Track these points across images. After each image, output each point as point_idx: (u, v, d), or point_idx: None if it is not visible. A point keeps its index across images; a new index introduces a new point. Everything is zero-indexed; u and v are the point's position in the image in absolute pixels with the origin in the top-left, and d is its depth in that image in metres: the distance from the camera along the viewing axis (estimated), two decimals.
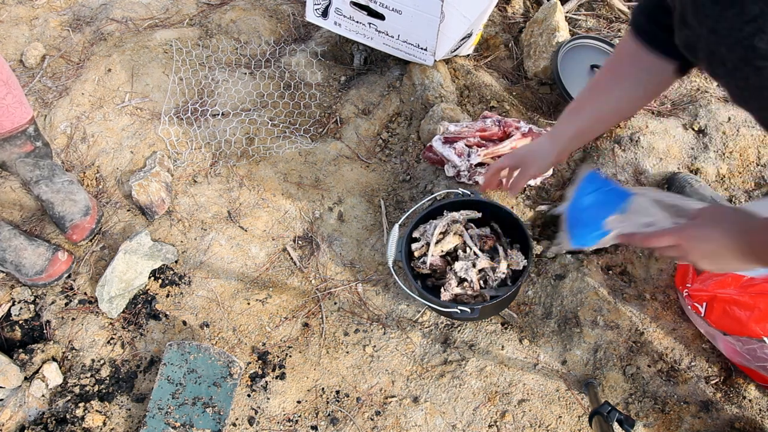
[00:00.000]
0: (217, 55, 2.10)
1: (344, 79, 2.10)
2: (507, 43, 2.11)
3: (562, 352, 1.43)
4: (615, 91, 1.05)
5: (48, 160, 1.68)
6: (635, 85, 1.03)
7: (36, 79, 2.04)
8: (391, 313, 1.54)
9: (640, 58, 1.00)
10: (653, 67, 1.00)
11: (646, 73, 1.01)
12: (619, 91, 1.04)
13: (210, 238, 1.68)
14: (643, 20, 0.99)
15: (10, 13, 2.25)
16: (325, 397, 1.43)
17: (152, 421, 1.35)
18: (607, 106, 1.07)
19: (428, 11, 1.73)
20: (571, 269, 1.51)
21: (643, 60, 1.00)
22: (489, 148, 1.66)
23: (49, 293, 1.59)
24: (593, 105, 1.08)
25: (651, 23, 0.97)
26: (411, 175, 1.80)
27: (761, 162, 1.70)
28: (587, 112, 1.09)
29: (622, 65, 1.04)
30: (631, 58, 1.02)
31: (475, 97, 1.95)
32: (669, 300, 1.46)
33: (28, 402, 1.42)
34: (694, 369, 1.37)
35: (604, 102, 1.06)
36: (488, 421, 1.36)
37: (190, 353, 1.39)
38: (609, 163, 1.70)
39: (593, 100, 1.08)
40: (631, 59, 1.02)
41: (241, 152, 1.85)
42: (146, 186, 1.68)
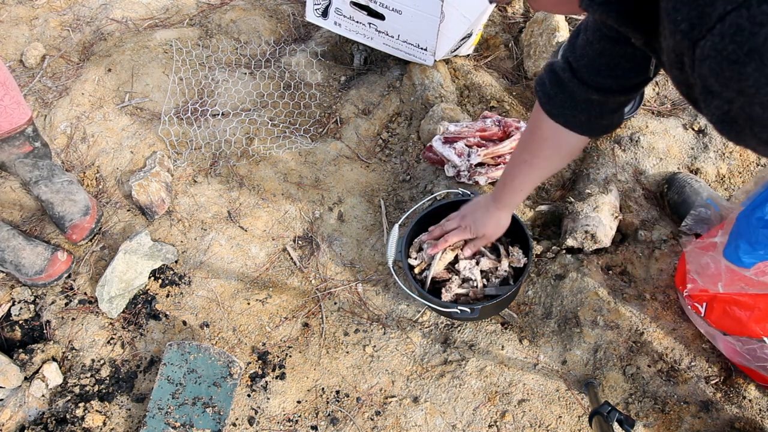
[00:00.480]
0: (217, 55, 2.10)
1: (344, 79, 2.10)
2: (507, 43, 2.11)
3: (562, 352, 1.43)
4: (545, 168, 1.20)
5: (47, 161, 1.68)
6: (560, 159, 1.17)
7: (36, 79, 2.04)
8: (391, 313, 1.54)
9: (562, 138, 1.10)
10: (573, 141, 1.10)
11: (569, 147, 1.13)
12: (549, 167, 1.20)
13: (210, 238, 1.68)
14: (559, 106, 1.05)
15: (10, 13, 2.25)
16: (325, 397, 1.43)
17: (152, 421, 1.35)
18: (540, 178, 1.24)
19: (428, 11, 1.73)
20: (571, 269, 1.51)
21: (566, 139, 1.10)
22: (489, 148, 1.66)
23: (49, 293, 1.59)
24: (530, 181, 1.23)
25: (569, 108, 1.04)
26: (411, 175, 1.80)
27: (761, 162, 1.70)
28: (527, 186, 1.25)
29: (546, 147, 1.14)
30: (554, 140, 1.12)
31: (475, 97, 1.95)
32: (669, 300, 1.46)
33: (28, 402, 1.42)
34: (694, 369, 1.37)
35: (538, 177, 1.23)
36: (488, 421, 1.36)
37: (190, 353, 1.39)
38: (609, 163, 1.70)
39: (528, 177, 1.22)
40: (554, 142, 1.12)
41: (241, 152, 1.85)
42: (146, 186, 1.68)
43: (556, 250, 1.57)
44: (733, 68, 0.54)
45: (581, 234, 1.51)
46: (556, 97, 1.04)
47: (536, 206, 1.66)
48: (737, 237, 1.10)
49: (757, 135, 0.61)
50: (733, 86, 0.56)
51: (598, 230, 1.49)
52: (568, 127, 1.07)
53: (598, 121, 1.05)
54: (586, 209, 1.53)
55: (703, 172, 1.68)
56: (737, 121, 0.61)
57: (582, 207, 1.54)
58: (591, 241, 1.51)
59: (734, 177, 1.69)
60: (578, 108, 1.03)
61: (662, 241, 1.55)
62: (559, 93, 1.03)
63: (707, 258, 1.22)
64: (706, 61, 0.57)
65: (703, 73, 0.59)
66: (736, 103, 0.58)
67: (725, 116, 0.62)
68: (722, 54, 0.54)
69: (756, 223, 1.06)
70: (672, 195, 1.59)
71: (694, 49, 0.58)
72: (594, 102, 1.02)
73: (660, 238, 1.56)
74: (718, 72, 0.56)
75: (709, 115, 0.65)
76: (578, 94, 1.01)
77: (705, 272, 1.24)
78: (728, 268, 1.15)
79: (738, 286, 1.15)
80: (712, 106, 0.62)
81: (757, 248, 1.06)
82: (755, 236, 1.06)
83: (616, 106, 1.04)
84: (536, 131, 1.13)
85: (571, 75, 1.00)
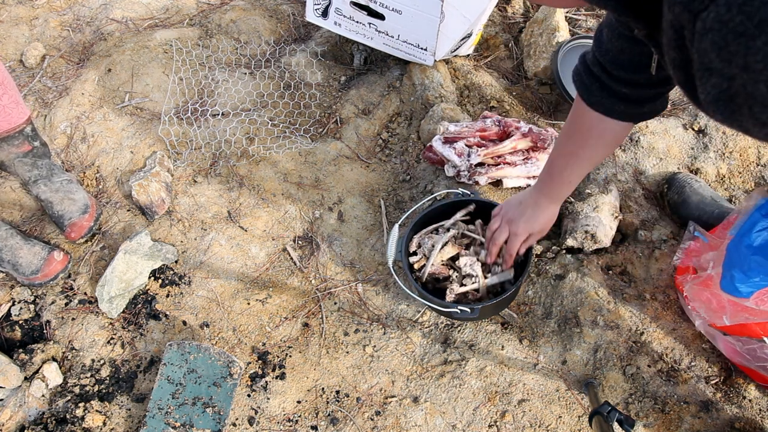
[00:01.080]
0: (217, 55, 2.10)
1: (344, 79, 2.10)
2: (507, 43, 2.11)
3: (562, 352, 1.43)
4: (593, 157, 1.16)
5: (46, 160, 1.68)
6: (606, 146, 1.13)
7: (36, 79, 2.04)
8: (391, 313, 1.54)
9: (605, 127, 1.08)
10: (618, 128, 1.08)
11: (613, 135, 1.10)
12: (596, 156, 1.16)
13: (210, 238, 1.68)
14: (597, 95, 1.04)
15: (10, 13, 2.25)
16: (325, 397, 1.43)
17: (152, 421, 1.35)
18: (588, 168, 1.20)
19: (428, 11, 1.73)
20: (571, 269, 1.51)
21: (609, 127, 1.08)
22: (489, 148, 1.66)
23: (49, 293, 1.59)
24: (578, 172, 1.20)
25: (607, 96, 1.03)
26: (411, 175, 1.80)
27: (761, 162, 1.70)
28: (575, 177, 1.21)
29: (591, 137, 1.12)
30: (597, 129, 1.09)
31: (475, 97, 1.95)
32: (669, 300, 1.46)
33: (28, 402, 1.42)
34: (694, 369, 1.37)
35: (586, 166, 1.19)
36: (488, 421, 1.36)
37: (190, 353, 1.39)
38: (609, 163, 1.70)
39: (576, 168, 1.19)
40: (598, 131, 1.10)
41: (241, 152, 1.85)
42: (146, 186, 1.68)
43: (556, 250, 1.57)
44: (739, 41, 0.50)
45: (581, 234, 1.51)
46: (593, 86, 1.03)
47: None
48: (730, 267, 1.11)
49: (756, 115, 0.57)
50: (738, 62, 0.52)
51: (598, 230, 1.49)
52: (610, 116, 1.05)
53: (639, 109, 1.04)
54: (586, 209, 1.53)
55: (703, 172, 1.68)
56: (735, 100, 0.57)
57: (582, 207, 1.54)
58: (591, 241, 1.51)
59: (734, 177, 1.69)
60: (616, 97, 1.02)
61: (662, 241, 1.55)
62: (595, 82, 1.03)
63: (707, 293, 1.21)
64: (708, 34, 0.53)
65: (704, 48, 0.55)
66: (738, 81, 0.54)
67: (721, 94, 0.58)
68: (728, 26, 0.50)
69: (745, 251, 1.09)
70: (672, 195, 1.59)
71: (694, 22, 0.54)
72: (627, 94, 1.01)
73: (660, 238, 1.56)
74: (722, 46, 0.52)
75: (704, 94, 0.61)
76: (612, 86, 1.01)
77: (709, 307, 1.23)
78: (730, 301, 1.15)
79: (742, 316, 1.15)
80: (708, 84, 0.59)
81: (751, 275, 1.07)
82: (747, 264, 1.07)
83: (653, 95, 1.02)
84: (579, 122, 1.11)
85: (601, 69, 1.00)
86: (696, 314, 1.31)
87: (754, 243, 1.07)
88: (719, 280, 1.15)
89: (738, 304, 1.13)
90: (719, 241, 1.18)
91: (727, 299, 1.14)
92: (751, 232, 1.08)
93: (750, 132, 0.63)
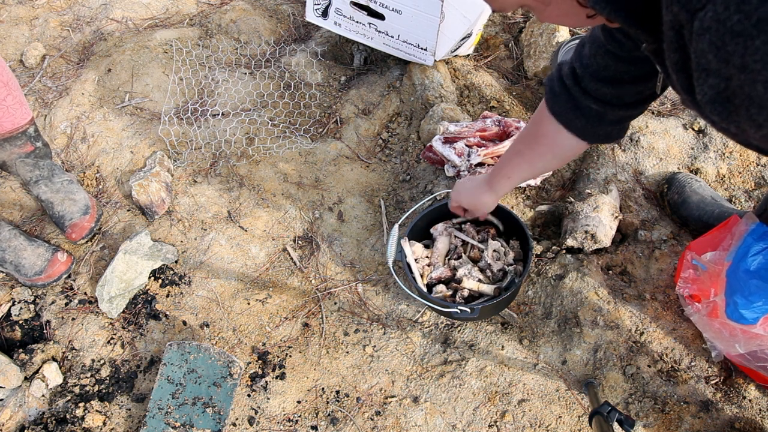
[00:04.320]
0: (217, 55, 2.10)
1: (344, 79, 2.10)
2: (507, 43, 2.11)
3: (562, 352, 1.43)
4: (537, 164, 1.19)
5: (48, 161, 1.68)
6: (553, 158, 1.17)
7: (36, 79, 2.04)
8: (391, 313, 1.54)
9: (559, 138, 1.10)
10: (570, 143, 1.10)
11: (564, 149, 1.13)
12: (540, 163, 1.19)
13: (210, 238, 1.68)
14: (562, 105, 1.06)
15: (10, 13, 2.25)
16: (325, 397, 1.43)
17: (152, 421, 1.35)
18: (530, 172, 1.24)
19: (428, 11, 1.73)
20: (571, 269, 1.51)
21: (563, 140, 1.10)
22: (489, 148, 1.66)
23: (49, 293, 1.59)
24: (518, 172, 1.24)
25: (571, 109, 1.05)
26: (411, 175, 1.80)
27: (761, 162, 1.70)
28: (515, 176, 1.25)
29: (542, 144, 1.14)
30: (551, 138, 1.12)
31: (475, 97, 1.95)
32: (669, 300, 1.46)
33: (28, 402, 1.42)
34: (694, 369, 1.37)
35: (528, 170, 1.23)
36: (488, 421, 1.36)
37: (190, 353, 1.39)
38: (609, 163, 1.70)
39: (519, 168, 1.23)
40: (551, 139, 1.12)
41: (241, 152, 1.85)
42: (146, 186, 1.68)
43: (556, 250, 1.57)
44: (737, 41, 0.49)
45: (581, 234, 1.51)
46: (560, 97, 1.06)
47: (536, 206, 1.66)
48: (732, 294, 1.12)
49: (753, 116, 0.56)
50: (735, 61, 0.51)
51: (598, 230, 1.49)
52: (567, 128, 1.08)
53: (596, 129, 1.07)
54: (586, 209, 1.53)
55: (703, 172, 1.68)
56: (732, 100, 0.56)
57: (582, 207, 1.54)
58: (591, 241, 1.51)
59: (734, 177, 1.69)
60: (579, 111, 1.05)
61: (662, 241, 1.55)
62: (564, 93, 1.05)
63: (717, 324, 1.22)
64: (706, 34, 0.52)
65: (701, 48, 0.54)
66: (735, 81, 0.53)
67: (719, 95, 0.57)
68: (725, 25, 0.49)
69: (744, 275, 1.12)
70: (672, 195, 1.59)
71: (692, 22, 0.53)
72: (593, 111, 1.03)
73: (660, 238, 1.56)
74: (719, 45, 0.51)
75: (701, 95, 0.60)
76: (579, 101, 1.03)
77: (721, 337, 1.24)
78: (741, 329, 1.16)
79: (755, 343, 1.16)
80: (705, 84, 0.58)
81: (753, 300, 1.09)
82: (747, 288, 1.09)
83: (617, 119, 1.05)
84: (537, 125, 1.14)
85: (574, 82, 1.02)
86: (711, 345, 1.33)
87: (751, 267, 1.11)
88: (724, 307, 1.16)
89: (748, 332, 1.14)
90: (717, 269, 1.19)
91: (740, 329, 1.15)
92: (746, 257, 1.11)
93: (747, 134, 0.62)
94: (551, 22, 0.81)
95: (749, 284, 1.09)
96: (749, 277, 1.10)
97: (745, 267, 1.11)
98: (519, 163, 1.22)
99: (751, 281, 1.09)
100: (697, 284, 1.28)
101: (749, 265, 1.11)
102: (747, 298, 1.10)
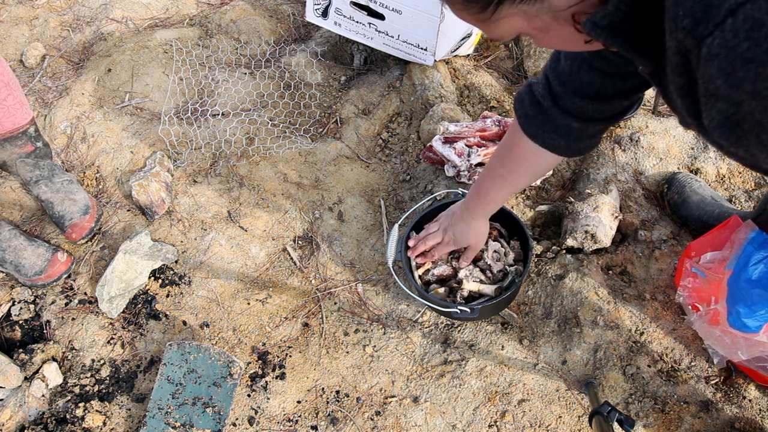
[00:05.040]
0: (217, 55, 2.10)
1: (344, 79, 2.10)
2: (507, 43, 2.11)
3: (562, 352, 1.43)
4: (519, 184, 1.21)
5: (48, 161, 1.68)
6: (535, 175, 1.18)
7: (36, 79, 2.04)
8: (391, 313, 1.54)
9: (538, 158, 1.10)
10: (550, 159, 1.10)
11: (544, 164, 1.13)
12: (522, 183, 1.21)
13: (210, 238, 1.68)
14: (538, 127, 1.05)
15: (10, 13, 2.25)
16: (325, 397, 1.43)
17: (152, 421, 1.35)
18: (513, 192, 1.28)
19: (428, 11, 1.73)
20: (571, 269, 1.51)
21: (542, 159, 1.10)
22: (489, 148, 1.66)
23: (49, 293, 1.59)
24: (502, 195, 1.24)
25: (548, 131, 1.04)
26: (411, 175, 1.80)
27: None
28: (500, 199, 1.26)
29: (522, 165, 1.14)
30: (530, 159, 1.11)
31: (475, 97, 1.95)
32: (669, 300, 1.46)
33: (28, 402, 1.42)
34: (694, 369, 1.37)
35: (510, 191, 1.25)
36: (488, 421, 1.36)
37: (190, 353, 1.39)
38: (609, 163, 1.70)
39: (501, 191, 1.23)
40: (530, 161, 1.12)
41: (241, 152, 1.85)
42: (146, 186, 1.68)
43: (556, 250, 1.57)
44: (748, 68, 0.48)
45: (581, 234, 1.51)
46: (535, 118, 1.04)
47: (536, 206, 1.66)
48: (734, 303, 1.13)
49: (763, 142, 0.55)
50: (746, 88, 0.50)
51: (598, 230, 1.49)
52: (547, 149, 1.07)
53: (576, 144, 1.06)
54: (586, 209, 1.53)
55: (703, 172, 1.68)
56: (741, 125, 0.55)
57: (582, 207, 1.54)
58: (591, 241, 1.51)
59: (734, 177, 1.69)
60: (557, 132, 1.03)
61: (662, 241, 1.55)
62: (539, 114, 1.02)
63: (718, 331, 1.22)
64: (714, 60, 0.51)
65: (710, 74, 0.53)
66: (746, 107, 0.52)
67: (727, 120, 0.56)
68: (735, 52, 0.48)
69: (746, 284, 1.12)
70: (672, 195, 1.59)
71: (700, 48, 0.52)
72: (574, 129, 1.02)
73: (660, 238, 1.56)
74: (729, 72, 0.50)
75: (708, 119, 0.59)
76: (558, 120, 1.01)
77: (723, 344, 1.24)
78: (743, 337, 1.16)
79: (757, 350, 1.16)
80: (714, 110, 0.56)
81: (755, 309, 1.09)
82: (749, 297, 1.10)
83: (596, 132, 1.05)
84: (514, 148, 1.12)
85: (552, 102, 0.99)
86: (713, 352, 1.33)
87: (753, 276, 1.11)
88: (726, 315, 1.16)
89: (750, 339, 1.14)
90: (717, 277, 1.19)
91: (740, 335, 1.15)
92: (747, 266, 1.11)
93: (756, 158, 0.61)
94: (550, 47, 0.79)
95: (752, 294, 1.10)
96: (751, 286, 1.10)
97: (746, 276, 1.12)
98: (502, 185, 1.21)
99: (754, 290, 1.09)
100: (697, 292, 1.28)
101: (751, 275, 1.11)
102: (750, 307, 1.10)
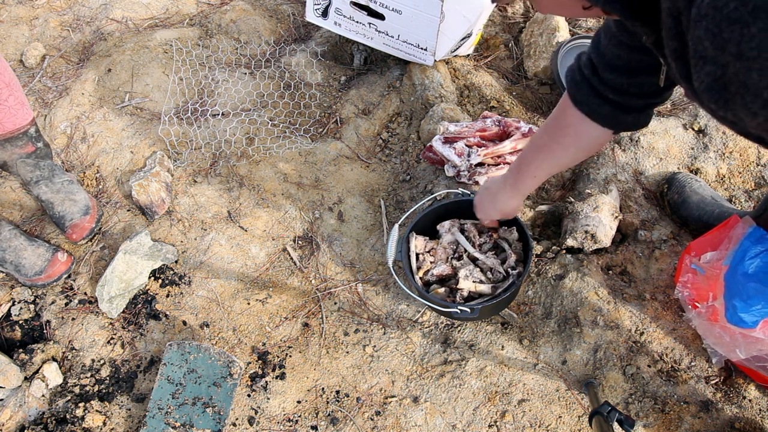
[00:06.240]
0: (217, 55, 2.10)
1: (344, 79, 2.10)
2: (507, 43, 2.11)
3: (562, 352, 1.43)
4: (563, 158, 1.16)
5: (48, 161, 1.68)
6: (580, 151, 1.14)
7: (36, 79, 2.04)
8: (391, 313, 1.54)
9: (584, 128, 1.08)
10: (597, 134, 1.08)
11: (590, 140, 1.10)
12: (566, 156, 1.16)
13: (210, 238, 1.68)
14: (584, 94, 1.04)
15: (10, 13, 2.25)
16: (325, 397, 1.43)
17: (152, 421, 1.35)
18: (556, 167, 1.20)
19: (428, 11, 1.73)
20: (571, 269, 1.51)
21: (587, 130, 1.08)
22: (489, 148, 1.66)
23: (49, 293, 1.59)
24: (545, 168, 1.20)
25: (593, 97, 1.03)
26: (411, 175, 1.80)
27: (761, 162, 1.70)
28: (541, 173, 1.21)
29: (567, 135, 1.12)
30: (576, 128, 1.09)
31: (475, 97, 1.95)
32: (669, 300, 1.46)
33: (28, 402, 1.42)
34: (694, 369, 1.37)
35: (554, 165, 1.19)
36: (488, 421, 1.36)
37: (190, 353, 1.39)
38: (609, 163, 1.70)
39: (544, 163, 1.19)
40: (576, 130, 1.10)
41: (241, 152, 1.85)
42: (146, 186, 1.68)
43: (556, 250, 1.57)
44: (733, 28, 0.49)
45: (581, 234, 1.51)
46: (581, 85, 1.04)
47: (536, 206, 1.66)
48: (731, 298, 1.13)
49: (747, 104, 0.56)
50: (731, 49, 0.51)
51: (598, 230, 1.49)
52: (591, 117, 1.06)
53: (623, 116, 1.04)
54: (586, 209, 1.53)
55: (703, 172, 1.68)
56: (728, 88, 0.56)
57: (582, 207, 1.54)
58: (591, 241, 1.51)
59: (734, 177, 1.69)
60: (602, 99, 1.03)
61: (662, 241, 1.55)
62: (584, 82, 1.04)
63: (717, 329, 1.22)
64: (703, 21, 0.52)
65: (698, 36, 0.54)
66: (731, 69, 0.54)
67: (715, 83, 0.57)
68: (722, 12, 0.49)
69: (742, 279, 1.12)
70: (672, 195, 1.59)
71: (690, 8, 0.53)
72: (613, 101, 1.02)
73: (660, 238, 1.56)
74: (715, 33, 0.51)
75: (698, 82, 0.60)
76: (599, 90, 1.02)
77: (722, 342, 1.24)
78: (741, 333, 1.16)
79: (755, 348, 1.16)
80: (702, 72, 0.58)
81: (752, 303, 1.09)
82: (746, 291, 1.10)
83: (639, 107, 1.04)
84: (560, 117, 1.12)
85: (592, 71, 1.01)
86: (712, 351, 1.33)
87: (749, 270, 1.11)
88: (724, 311, 1.16)
89: (748, 336, 1.14)
90: (715, 273, 1.19)
91: (739, 332, 1.15)
92: (744, 260, 1.12)
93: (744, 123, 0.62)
94: (548, 12, 0.80)
95: (747, 287, 1.10)
96: (747, 280, 1.11)
97: (743, 270, 1.12)
98: (544, 158, 1.18)
99: (749, 284, 1.10)
100: (696, 288, 1.28)
101: (747, 269, 1.11)
102: (746, 301, 1.10)
